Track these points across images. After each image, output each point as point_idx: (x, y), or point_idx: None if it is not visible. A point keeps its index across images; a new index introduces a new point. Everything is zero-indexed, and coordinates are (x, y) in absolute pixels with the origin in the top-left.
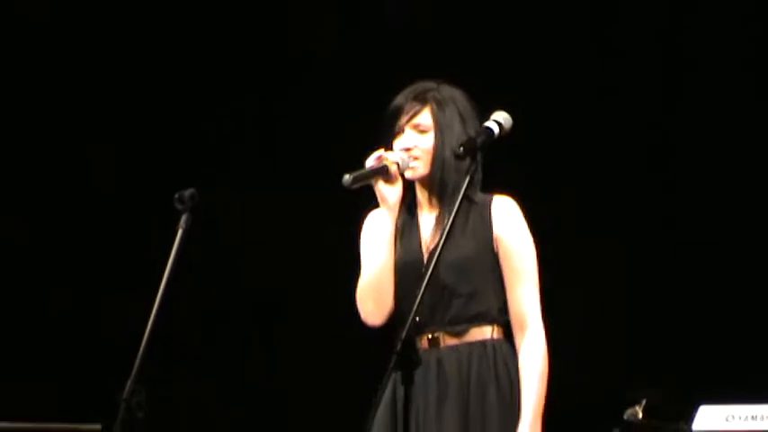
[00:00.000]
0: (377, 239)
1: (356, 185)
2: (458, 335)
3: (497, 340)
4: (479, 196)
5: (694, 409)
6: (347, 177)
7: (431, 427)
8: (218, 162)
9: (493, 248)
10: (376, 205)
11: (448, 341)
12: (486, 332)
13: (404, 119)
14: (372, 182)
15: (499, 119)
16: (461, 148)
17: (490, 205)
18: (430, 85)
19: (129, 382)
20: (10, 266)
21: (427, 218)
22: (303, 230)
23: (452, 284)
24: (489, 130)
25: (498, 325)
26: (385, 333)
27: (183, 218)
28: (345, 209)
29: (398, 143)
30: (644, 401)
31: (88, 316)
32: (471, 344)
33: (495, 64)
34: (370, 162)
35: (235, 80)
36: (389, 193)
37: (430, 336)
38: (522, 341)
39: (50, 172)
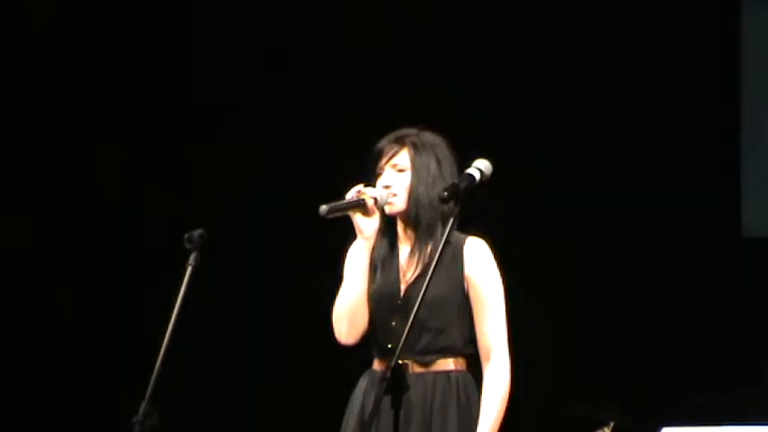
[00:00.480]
0: (355, 267)
1: (331, 216)
2: (425, 364)
3: (460, 371)
4: (454, 236)
5: (657, 431)
6: (324, 208)
7: None
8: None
9: (463, 287)
10: None
11: (416, 369)
12: (450, 364)
13: (384, 159)
14: (350, 213)
15: (480, 166)
16: (446, 193)
17: (463, 246)
18: (411, 130)
19: (142, 405)
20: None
21: (405, 250)
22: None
23: (424, 319)
24: (471, 176)
25: (462, 357)
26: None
27: (192, 256)
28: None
29: (379, 182)
30: (612, 423)
31: (105, 336)
32: (436, 373)
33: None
34: (350, 195)
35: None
36: (366, 225)
37: (399, 362)
38: (487, 369)
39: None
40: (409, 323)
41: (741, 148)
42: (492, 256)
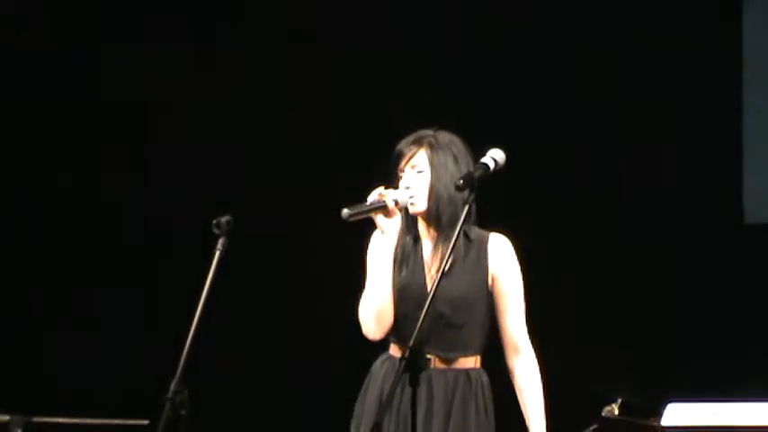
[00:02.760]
0: (378, 265)
1: (353, 219)
2: (448, 361)
3: (478, 370)
4: (475, 232)
5: (663, 407)
6: (345, 211)
7: (417, 424)
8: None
9: (487, 284)
10: None
11: (438, 365)
12: (470, 362)
13: (403, 162)
14: (372, 215)
15: (495, 155)
16: (461, 181)
17: (487, 243)
18: (427, 132)
19: (173, 382)
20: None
21: (428, 246)
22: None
23: (449, 315)
24: (485, 165)
25: (480, 355)
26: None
27: (221, 241)
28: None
29: (400, 184)
30: (620, 400)
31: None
32: (458, 371)
33: None
34: (371, 198)
35: None
36: (387, 226)
37: (426, 355)
38: (518, 363)
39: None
40: (423, 314)
41: (743, 135)
42: (514, 253)
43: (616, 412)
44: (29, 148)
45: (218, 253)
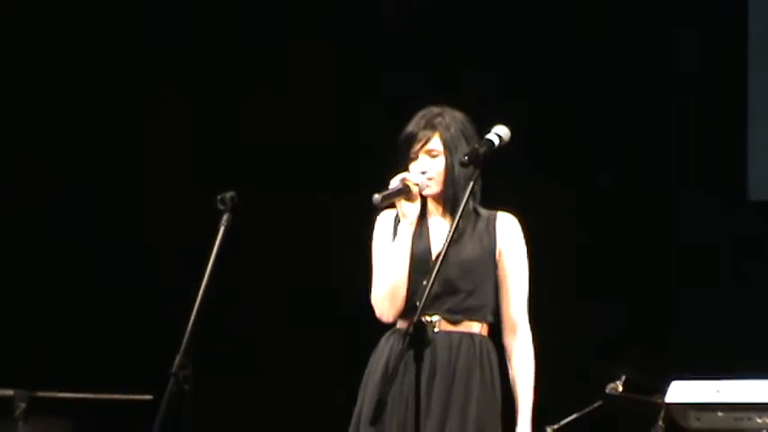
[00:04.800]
0: (396, 248)
1: (384, 203)
2: (453, 323)
3: (483, 337)
4: (484, 210)
5: (667, 384)
6: (377, 197)
7: (421, 397)
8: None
9: (494, 257)
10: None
11: (443, 326)
12: (476, 327)
13: (417, 146)
14: (395, 200)
15: (499, 132)
16: (466, 158)
17: (495, 220)
18: (435, 110)
19: (177, 357)
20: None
21: (437, 225)
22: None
23: (456, 280)
24: (491, 141)
25: (487, 324)
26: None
27: (225, 217)
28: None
29: (414, 167)
30: (624, 377)
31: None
32: (462, 334)
33: None
34: (395, 183)
35: None
36: (410, 210)
37: (429, 318)
38: (515, 342)
39: None
40: (432, 277)
41: (748, 113)
42: (521, 232)
43: (620, 389)
44: None
45: (222, 229)
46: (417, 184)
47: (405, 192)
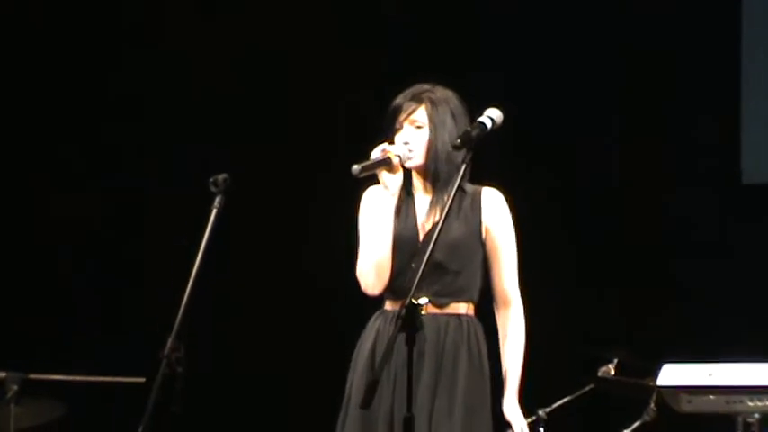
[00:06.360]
0: (379, 220)
1: (363, 174)
2: (440, 306)
3: (470, 317)
4: (469, 186)
5: (658, 368)
6: (356, 168)
7: (412, 381)
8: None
9: (481, 235)
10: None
11: (430, 309)
12: (463, 308)
13: (402, 116)
14: (377, 171)
15: (492, 115)
16: (459, 140)
17: (480, 196)
18: (425, 87)
19: (169, 340)
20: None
21: (422, 201)
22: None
23: (443, 262)
24: (483, 124)
25: (473, 303)
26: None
27: (217, 199)
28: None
29: (398, 138)
30: (616, 360)
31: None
32: (449, 315)
33: None
34: (376, 154)
35: None
36: (391, 181)
37: (417, 301)
38: (507, 316)
39: None
40: (423, 262)
41: (741, 97)
42: (507, 206)
43: (612, 372)
44: None
45: (214, 211)
46: (398, 156)
47: (385, 163)
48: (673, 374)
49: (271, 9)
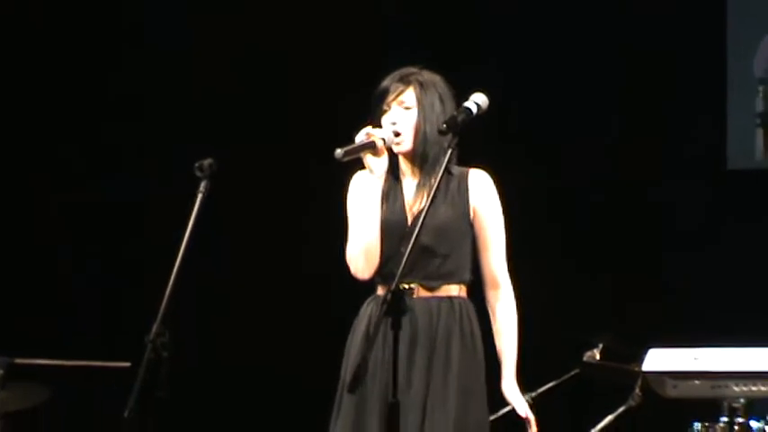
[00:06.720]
0: (366, 203)
1: (347, 158)
2: (431, 289)
3: (462, 298)
4: (456, 169)
5: (644, 353)
6: (339, 151)
7: (402, 365)
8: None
9: (469, 217)
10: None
11: (421, 293)
12: (454, 290)
13: (390, 97)
14: (361, 155)
15: (477, 100)
16: (445, 125)
17: (467, 177)
18: (413, 69)
19: (154, 325)
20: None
21: (410, 184)
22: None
23: (432, 245)
24: (468, 109)
25: (464, 284)
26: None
27: (202, 184)
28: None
29: (385, 119)
30: (601, 345)
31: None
32: (441, 298)
33: None
34: (360, 137)
35: None
36: (376, 165)
37: (406, 286)
38: (497, 297)
39: None
40: (410, 246)
41: (728, 83)
42: (494, 187)
43: (597, 357)
44: None
45: (200, 196)
46: (383, 138)
47: (370, 146)
48: (658, 359)
49: (271, 9)
